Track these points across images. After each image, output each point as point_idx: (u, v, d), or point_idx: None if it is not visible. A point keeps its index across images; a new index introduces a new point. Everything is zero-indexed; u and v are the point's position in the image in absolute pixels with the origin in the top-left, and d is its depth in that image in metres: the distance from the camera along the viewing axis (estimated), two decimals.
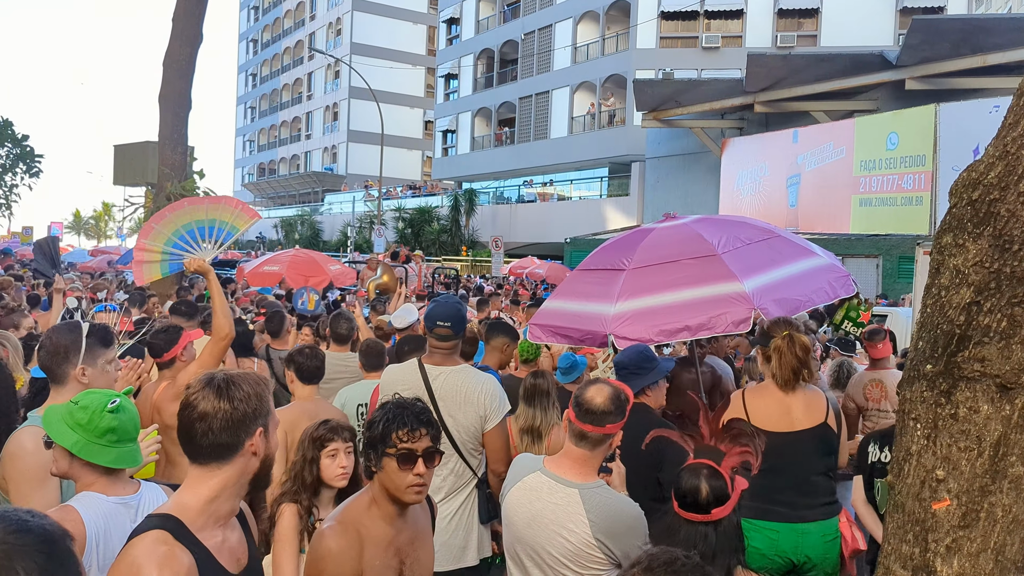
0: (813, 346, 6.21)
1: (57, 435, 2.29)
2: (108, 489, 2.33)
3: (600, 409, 2.73)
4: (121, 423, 2.33)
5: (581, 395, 2.80)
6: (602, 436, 2.75)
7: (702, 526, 2.32)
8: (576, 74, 36.37)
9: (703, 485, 2.32)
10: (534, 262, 24.04)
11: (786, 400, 3.83)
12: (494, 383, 3.69)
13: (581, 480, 2.75)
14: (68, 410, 2.33)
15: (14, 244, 37.23)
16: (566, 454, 2.83)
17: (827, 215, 22.53)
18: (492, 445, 3.63)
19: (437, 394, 3.65)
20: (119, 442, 2.33)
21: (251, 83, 73.48)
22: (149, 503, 2.40)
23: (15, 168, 21.30)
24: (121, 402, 2.37)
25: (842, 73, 21.73)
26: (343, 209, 48.85)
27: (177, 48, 11.45)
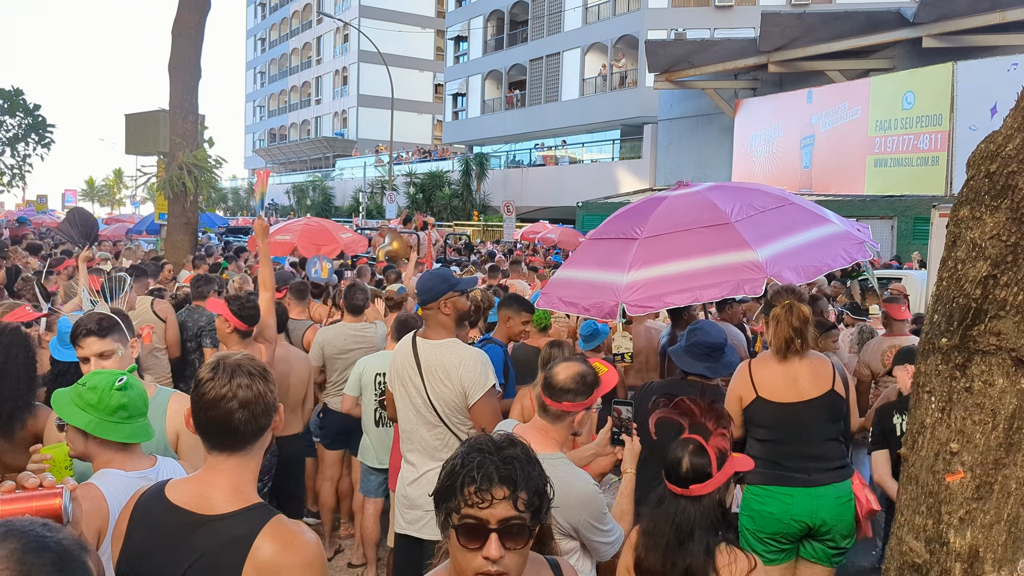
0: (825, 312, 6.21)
1: (70, 417, 2.33)
2: (125, 464, 2.37)
3: (558, 385, 2.77)
4: (130, 399, 2.37)
5: (550, 368, 2.86)
6: (559, 412, 2.78)
7: (684, 500, 2.40)
8: (587, 35, 35.93)
9: (685, 460, 2.40)
10: (546, 227, 23.94)
11: (792, 369, 3.84)
12: (475, 357, 3.63)
13: (540, 450, 2.75)
14: (77, 392, 2.37)
15: (29, 212, 37.44)
16: (532, 423, 2.90)
17: (841, 176, 22.32)
18: (476, 420, 3.59)
19: (423, 367, 3.66)
20: (130, 418, 2.37)
21: (260, 48, 73.02)
22: (166, 476, 2.41)
23: (28, 138, 21.30)
24: (128, 379, 2.42)
25: (858, 31, 21.38)
26: (354, 174, 48.78)
27: (185, 16, 11.38)
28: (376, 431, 5.14)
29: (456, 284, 3.71)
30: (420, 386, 3.65)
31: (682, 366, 4.08)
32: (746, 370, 3.95)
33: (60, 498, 1.52)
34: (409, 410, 3.72)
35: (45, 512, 1.49)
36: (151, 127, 13.00)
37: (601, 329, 5.49)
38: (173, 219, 11.68)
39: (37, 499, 1.51)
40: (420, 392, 3.64)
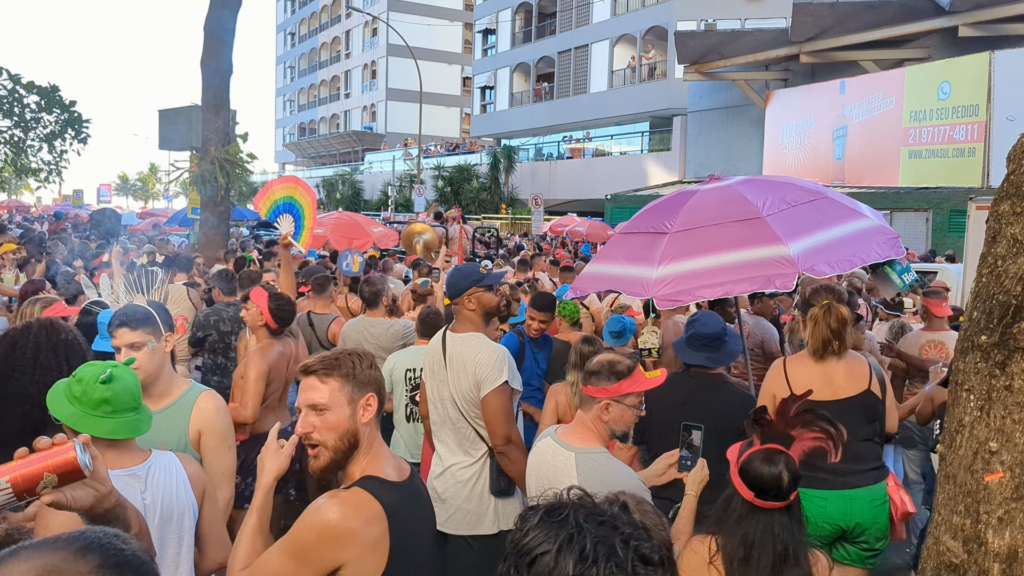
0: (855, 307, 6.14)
1: (55, 408, 2.26)
2: (114, 462, 2.28)
3: (588, 369, 2.81)
4: (115, 393, 2.27)
5: (592, 359, 2.89)
6: (585, 396, 2.80)
7: (778, 514, 2.29)
8: (616, 27, 35.72)
9: (784, 472, 2.29)
10: (574, 220, 23.86)
11: (827, 368, 3.80)
12: (492, 352, 3.62)
13: (581, 444, 2.76)
14: (68, 383, 2.30)
15: (66, 207, 38.07)
16: (575, 419, 2.89)
17: (875, 168, 22.00)
18: (484, 414, 3.59)
19: (448, 361, 3.69)
20: (115, 413, 2.28)
21: (290, 42, 73.50)
22: (159, 471, 2.41)
23: (64, 134, 21.61)
24: (113, 372, 2.30)
25: (892, 21, 21.04)
26: (383, 168, 48.98)
27: (217, 13, 11.48)
28: (407, 426, 5.19)
29: (481, 279, 3.72)
30: (445, 379, 3.68)
31: (683, 358, 4.10)
32: (781, 368, 3.93)
33: (73, 450, 1.50)
34: (436, 403, 3.76)
35: (62, 467, 1.49)
36: (184, 122, 13.16)
37: (628, 325, 5.49)
38: (206, 213, 11.82)
39: (51, 456, 1.49)
40: (446, 385, 3.68)
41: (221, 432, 3.00)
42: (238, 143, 11.80)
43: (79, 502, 1.57)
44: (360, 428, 2.14)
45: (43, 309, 3.70)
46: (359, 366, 2.17)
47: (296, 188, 5.79)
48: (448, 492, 3.66)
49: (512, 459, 3.54)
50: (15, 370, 2.62)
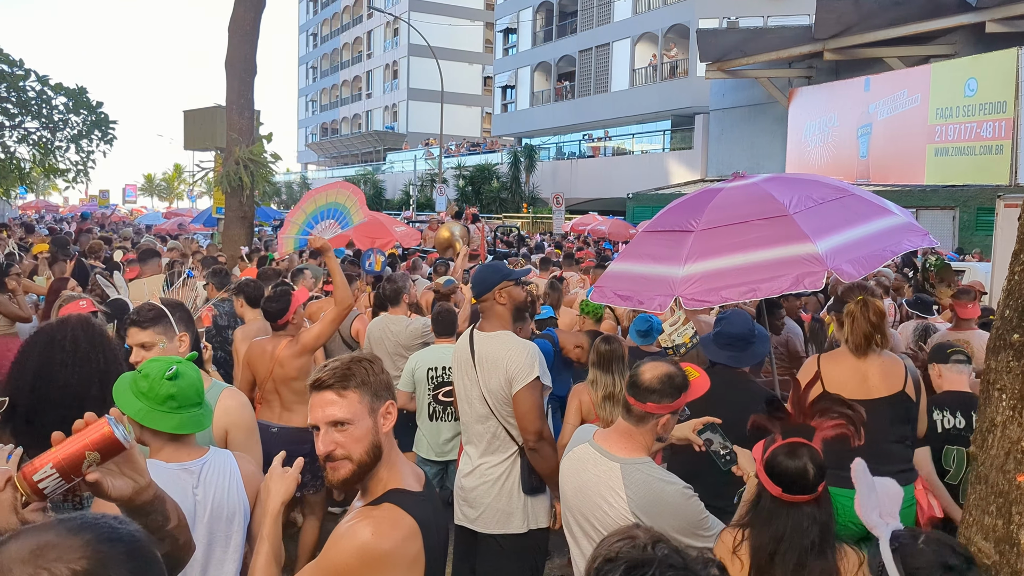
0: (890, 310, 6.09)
1: (122, 404, 2.29)
2: (172, 456, 2.35)
3: (644, 385, 2.67)
4: (180, 390, 2.33)
5: (636, 367, 2.76)
6: (643, 413, 2.69)
7: (807, 507, 2.27)
8: (637, 25, 35.61)
9: (808, 465, 2.26)
10: (596, 218, 23.86)
11: (862, 367, 3.76)
12: (523, 348, 3.61)
13: (626, 455, 2.70)
14: (133, 378, 2.35)
15: (92, 207, 38.52)
16: (615, 427, 2.81)
17: (900, 166, 21.78)
18: (516, 411, 3.58)
19: (477, 359, 3.68)
20: (180, 408, 2.34)
21: (312, 43, 73.92)
22: (214, 468, 2.43)
23: (91, 135, 21.87)
24: (179, 369, 2.35)
25: (918, 17, 20.80)
26: (404, 168, 49.14)
27: (241, 14, 11.55)
28: (430, 425, 5.21)
29: (509, 274, 3.73)
30: (475, 378, 3.68)
31: (708, 355, 4.11)
32: (814, 364, 3.90)
33: (107, 425, 1.52)
34: (465, 402, 3.76)
35: (100, 442, 1.51)
36: (208, 123, 13.27)
37: (655, 324, 5.47)
38: (230, 213, 11.90)
39: (88, 435, 1.51)
40: (475, 384, 3.67)
41: (248, 427, 3.02)
42: (262, 143, 11.87)
43: (118, 490, 1.59)
44: (382, 438, 2.06)
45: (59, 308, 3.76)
46: (372, 372, 2.07)
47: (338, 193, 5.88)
48: (478, 491, 3.67)
49: (544, 456, 3.54)
50: (54, 364, 2.65)
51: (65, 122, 21.60)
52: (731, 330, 4.03)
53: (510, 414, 3.62)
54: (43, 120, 21.48)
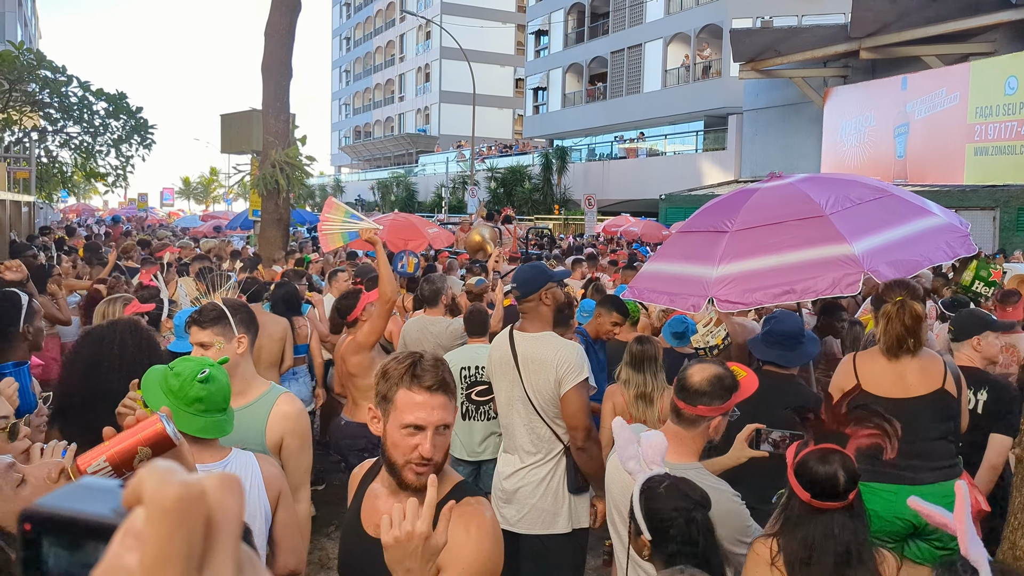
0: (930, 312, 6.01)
1: (149, 398, 2.31)
2: (195, 457, 2.30)
3: (694, 388, 2.65)
4: (210, 393, 2.32)
5: (684, 370, 2.74)
6: (694, 416, 2.67)
7: (838, 514, 2.23)
8: (669, 25, 35.43)
9: (839, 472, 2.22)
10: (628, 220, 23.76)
11: (899, 366, 3.72)
12: (570, 349, 3.63)
13: (675, 459, 2.67)
14: (164, 375, 2.35)
15: (131, 211, 39.20)
16: (665, 429, 2.79)
17: (939, 165, 21.44)
18: (565, 410, 3.59)
19: (520, 360, 3.68)
20: (206, 412, 2.34)
21: (345, 47, 74.53)
22: (236, 469, 2.39)
23: (130, 139, 22.28)
24: (211, 372, 2.35)
25: (956, 14, 20.46)
26: (436, 170, 49.33)
27: (277, 18, 11.69)
28: (463, 424, 5.22)
29: (553, 276, 3.74)
30: (517, 379, 3.68)
31: (756, 354, 4.08)
32: (850, 362, 3.86)
33: (160, 422, 1.57)
34: (506, 404, 3.77)
35: (152, 439, 1.56)
36: (245, 126, 13.45)
37: (691, 326, 5.45)
38: (266, 215, 12.05)
39: (140, 431, 1.56)
40: (518, 385, 3.68)
41: (304, 434, 3.00)
42: (297, 146, 12.01)
43: None
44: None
45: (124, 307, 3.85)
46: (452, 377, 2.07)
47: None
48: (522, 492, 3.67)
49: (592, 455, 3.56)
50: (102, 366, 2.71)
51: (105, 127, 22.03)
52: (781, 328, 4.03)
53: (556, 415, 3.63)
54: (84, 125, 21.92)
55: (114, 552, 0.42)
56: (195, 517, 0.42)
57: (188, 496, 0.42)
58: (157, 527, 0.41)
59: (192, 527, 0.42)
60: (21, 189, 19.00)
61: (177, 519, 0.41)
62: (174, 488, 0.42)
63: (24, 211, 16.02)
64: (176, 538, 0.41)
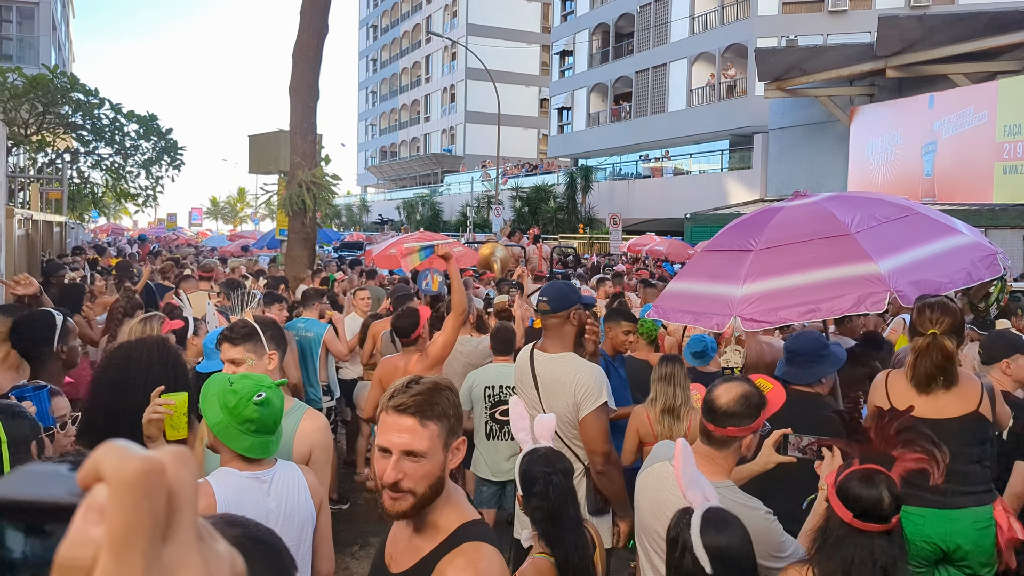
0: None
1: (206, 410, 2.37)
2: (244, 466, 2.41)
3: (722, 409, 2.62)
4: (262, 416, 2.37)
5: (710, 390, 2.72)
6: (724, 438, 2.64)
7: (879, 537, 2.19)
8: (694, 45, 35.48)
9: (885, 494, 2.17)
10: (653, 239, 23.71)
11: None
12: (590, 371, 3.60)
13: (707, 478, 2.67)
14: (224, 388, 2.40)
15: (160, 230, 39.72)
16: (696, 449, 2.78)
17: (967, 184, 21.22)
18: (584, 434, 3.57)
19: (539, 380, 3.67)
20: (256, 432, 2.38)
21: (372, 68, 75.37)
22: (284, 477, 2.48)
23: (161, 160, 22.64)
24: (268, 396, 2.39)
25: (983, 33, 20.32)
26: (461, 189, 49.60)
27: (305, 40, 11.84)
28: (487, 444, 5.23)
29: (582, 298, 3.76)
30: (536, 400, 3.68)
31: (777, 372, 4.12)
32: (883, 381, 3.81)
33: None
34: None
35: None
36: (272, 147, 13.61)
37: (711, 345, 5.43)
38: (293, 235, 12.16)
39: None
40: (537, 406, 3.67)
41: (328, 449, 3.07)
42: (323, 166, 12.13)
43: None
44: (445, 475, 1.93)
45: (161, 324, 3.92)
46: (452, 404, 1.95)
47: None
48: None
49: (611, 479, 3.54)
50: (129, 382, 2.78)
51: (136, 148, 22.41)
52: (794, 346, 4.06)
53: (576, 436, 3.61)
54: (116, 146, 22.30)
55: (78, 527, 0.44)
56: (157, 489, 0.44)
57: (150, 469, 0.44)
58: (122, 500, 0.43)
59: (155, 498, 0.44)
60: (53, 209, 19.36)
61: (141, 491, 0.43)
62: (136, 461, 0.44)
63: (56, 231, 16.30)
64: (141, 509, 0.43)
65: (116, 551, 0.43)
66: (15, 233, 9.12)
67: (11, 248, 8.54)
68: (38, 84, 19.86)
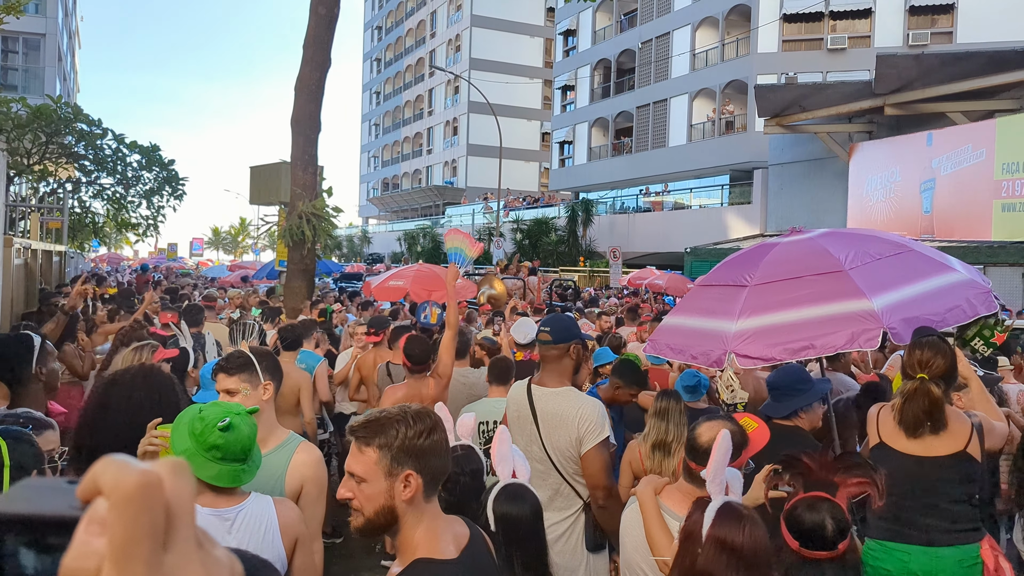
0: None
1: (175, 439, 2.33)
2: (210, 501, 2.35)
3: (703, 447, 2.63)
4: (227, 442, 2.30)
5: (693, 428, 2.73)
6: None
7: (827, 564, 2.19)
8: (695, 81, 35.82)
9: (827, 520, 2.19)
10: (653, 272, 23.72)
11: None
12: (592, 406, 3.59)
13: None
14: (192, 416, 2.35)
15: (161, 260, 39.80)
16: (678, 487, 2.77)
17: (966, 221, 21.29)
18: (586, 469, 3.55)
19: (539, 415, 3.65)
20: (222, 459, 2.32)
21: (375, 101, 76.02)
22: (251, 516, 2.42)
23: (162, 191, 22.77)
24: (233, 421, 2.33)
25: (980, 71, 20.49)
26: (463, 221, 49.77)
27: (307, 73, 11.96)
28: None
29: (582, 335, 3.77)
30: (535, 435, 3.64)
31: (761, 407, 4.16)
32: (875, 415, 3.80)
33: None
34: None
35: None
36: (273, 178, 13.70)
37: (703, 380, 5.39)
38: (292, 266, 12.18)
39: None
40: (536, 442, 3.64)
41: (322, 483, 3.04)
42: (324, 198, 12.18)
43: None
44: (399, 504, 1.94)
45: (152, 353, 3.91)
46: (402, 436, 1.94)
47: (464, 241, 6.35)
48: None
49: (613, 513, 3.51)
50: (110, 407, 2.78)
51: (138, 178, 22.54)
52: (774, 380, 4.14)
53: (576, 471, 3.59)
54: (118, 176, 22.44)
55: (81, 539, 0.45)
56: (156, 500, 0.46)
57: (148, 482, 0.46)
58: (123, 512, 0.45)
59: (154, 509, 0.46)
60: (53, 239, 19.42)
61: (141, 503, 0.45)
62: (134, 475, 0.46)
63: (55, 260, 16.33)
64: (141, 520, 0.45)
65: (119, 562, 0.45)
66: (13, 262, 9.13)
67: (9, 277, 8.55)
68: (42, 114, 20.03)
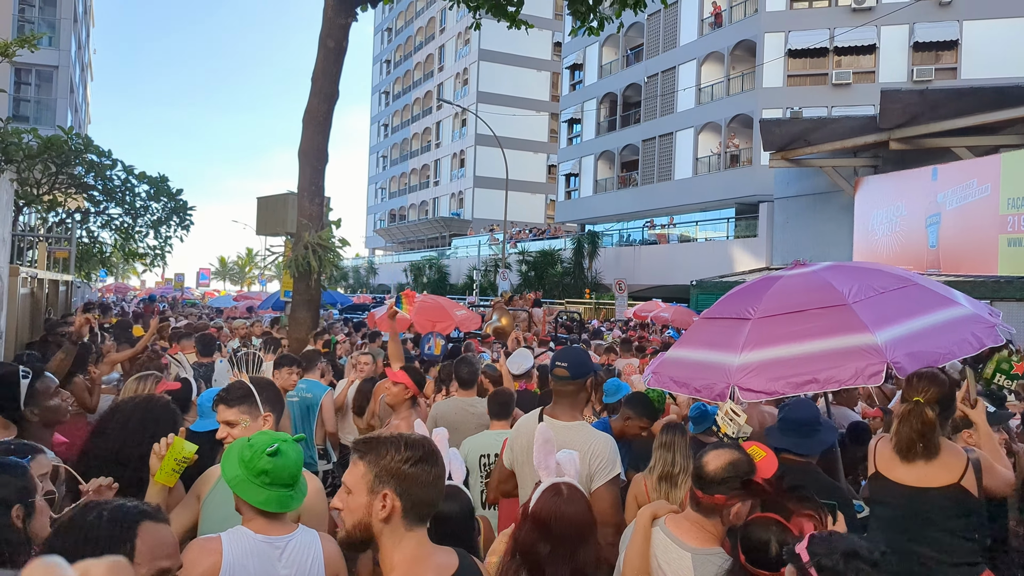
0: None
1: (226, 467, 2.39)
2: (262, 528, 2.38)
3: (710, 476, 2.62)
4: (275, 468, 2.36)
5: (699, 456, 2.71)
6: (712, 505, 2.62)
7: None
8: (700, 115, 36.05)
9: (772, 540, 2.22)
10: (659, 305, 23.72)
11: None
12: (604, 442, 3.56)
13: (697, 544, 2.65)
14: (242, 444, 2.43)
15: (167, 290, 39.94)
16: (686, 515, 2.75)
17: (972, 256, 21.26)
18: (596, 505, 3.43)
19: None
20: (271, 485, 2.37)
21: (383, 133, 76.66)
22: (300, 545, 2.45)
23: (170, 221, 22.88)
24: (280, 447, 2.39)
25: (985, 107, 20.59)
26: (469, 253, 49.91)
27: (315, 105, 12.04)
28: (485, 514, 5.11)
29: (596, 366, 3.75)
30: None
31: (772, 442, 3.98)
32: (874, 445, 3.80)
33: None
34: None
35: None
36: (280, 209, 13.75)
37: (710, 411, 5.36)
38: (297, 296, 12.16)
39: None
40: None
41: (322, 513, 3.03)
42: (331, 229, 12.20)
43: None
44: (375, 523, 1.93)
45: (156, 384, 3.95)
46: (392, 457, 1.94)
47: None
48: None
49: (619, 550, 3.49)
50: (106, 432, 2.88)
51: (146, 208, 22.67)
52: (794, 415, 4.00)
53: None
54: (126, 207, 22.57)
55: None
56: None
57: None
58: None
59: None
60: (60, 268, 19.50)
61: None
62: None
63: (62, 290, 16.40)
64: None
65: None
66: (19, 291, 9.16)
67: (14, 306, 8.57)
68: (52, 145, 20.21)
